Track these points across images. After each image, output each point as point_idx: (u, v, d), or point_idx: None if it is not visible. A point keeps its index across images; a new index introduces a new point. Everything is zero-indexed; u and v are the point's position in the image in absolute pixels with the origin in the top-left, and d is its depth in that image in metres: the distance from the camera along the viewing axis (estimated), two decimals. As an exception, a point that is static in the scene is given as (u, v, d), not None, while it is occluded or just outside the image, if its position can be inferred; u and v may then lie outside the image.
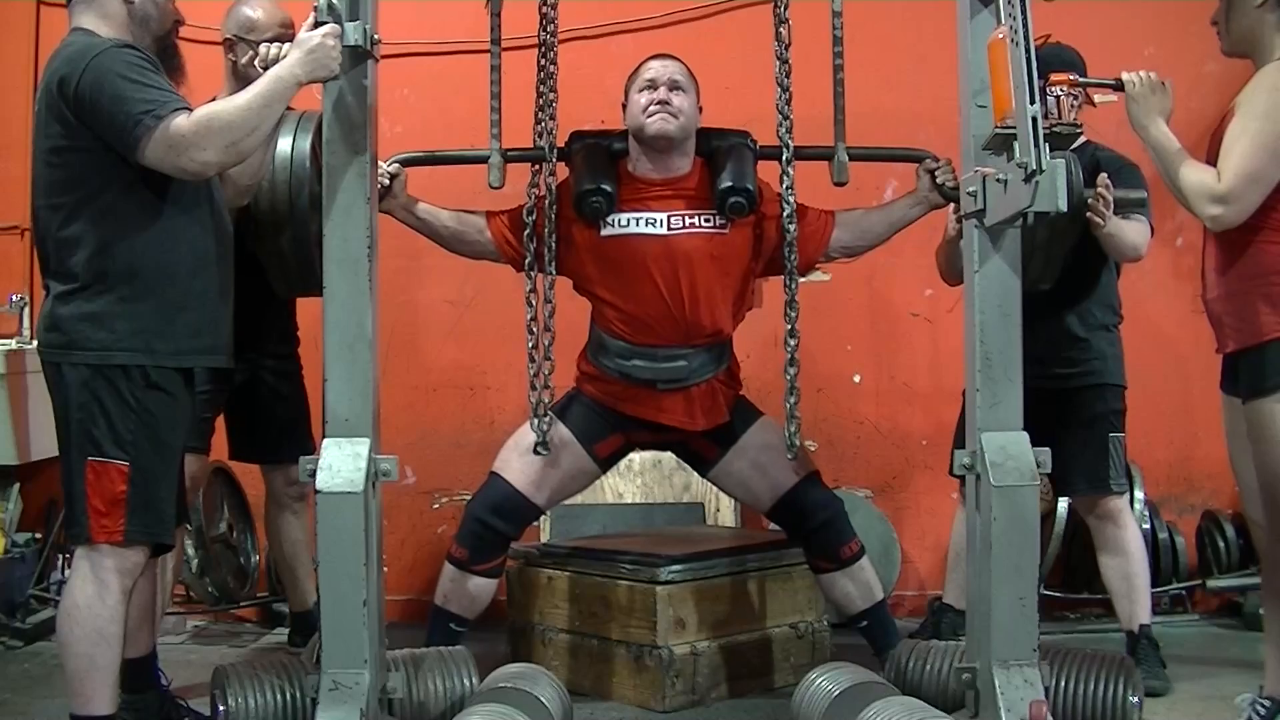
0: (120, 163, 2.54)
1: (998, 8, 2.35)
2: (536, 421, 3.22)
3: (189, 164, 2.47)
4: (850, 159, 3.30)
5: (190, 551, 3.97)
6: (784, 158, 3.24)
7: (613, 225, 3.25)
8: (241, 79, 3.40)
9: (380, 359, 2.70)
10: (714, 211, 3.25)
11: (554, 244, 3.23)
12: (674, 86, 3.25)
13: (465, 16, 4.03)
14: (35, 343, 2.67)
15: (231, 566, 4.23)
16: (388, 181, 3.19)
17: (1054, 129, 2.49)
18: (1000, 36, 2.27)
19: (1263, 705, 2.87)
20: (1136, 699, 2.73)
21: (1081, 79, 2.97)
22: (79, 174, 2.56)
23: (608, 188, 3.21)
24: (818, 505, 3.29)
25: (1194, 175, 2.76)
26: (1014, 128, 2.22)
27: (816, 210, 3.32)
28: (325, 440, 2.57)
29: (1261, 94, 2.73)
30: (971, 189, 2.52)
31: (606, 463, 3.42)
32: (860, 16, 3.23)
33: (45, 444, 3.93)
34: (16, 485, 4.15)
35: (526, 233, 3.24)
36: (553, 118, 3.31)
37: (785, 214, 3.22)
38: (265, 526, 3.85)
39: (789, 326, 3.22)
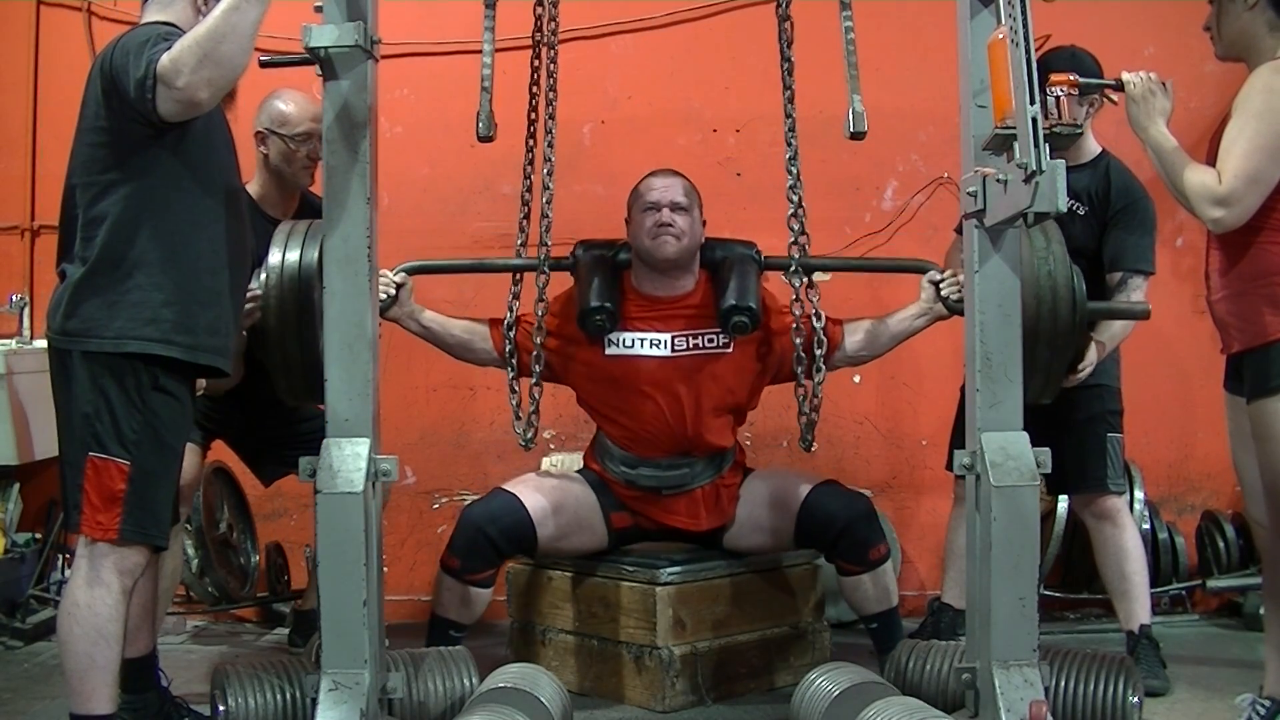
0: (154, 147, 2.55)
1: (998, 8, 2.35)
2: (521, 428, 3.28)
3: (178, 93, 2.43)
4: (853, 270, 3.32)
5: (190, 551, 3.97)
6: (789, 159, 3.24)
7: (616, 345, 3.31)
8: (273, 173, 3.40)
9: (380, 359, 2.70)
10: (718, 330, 3.29)
11: (544, 351, 3.28)
12: (676, 207, 3.29)
13: (465, 16, 4.03)
14: (45, 333, 2.65)
15: (231, 566, 4.23)
16: (394, 291, 3.24)
17: (1054, 129, 2.48)
18: (1000, 36, 2.27)
19: (1263, 705, 2.87)
20: (1136, 699, 2.73)
21: (1081, 79, 2.97)
22: (114, 155, 2.57)
23: (611, 306, 3.26)
24: (833, 514, 3.29)
25: (1195, 177, 2.76)
26: (1014, 128, 2.22)
27: (826, 320, 3.32)
28: (325, 440, 2.57)
29: (1257, 95, 2.73)
30: (971, 189, 2.52)
31: (617, 537, 3.44)
32: (860, 16, 3.23)
33: (45, 444, 3.94)
34: (16, 485, 4.15)
35: (508, 344, 3.31)
36: (552, 117, 3.31)
37: (794, 326, 3.25)
38: None
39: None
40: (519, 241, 3.39)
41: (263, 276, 2.83)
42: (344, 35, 2.51)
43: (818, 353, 3.25)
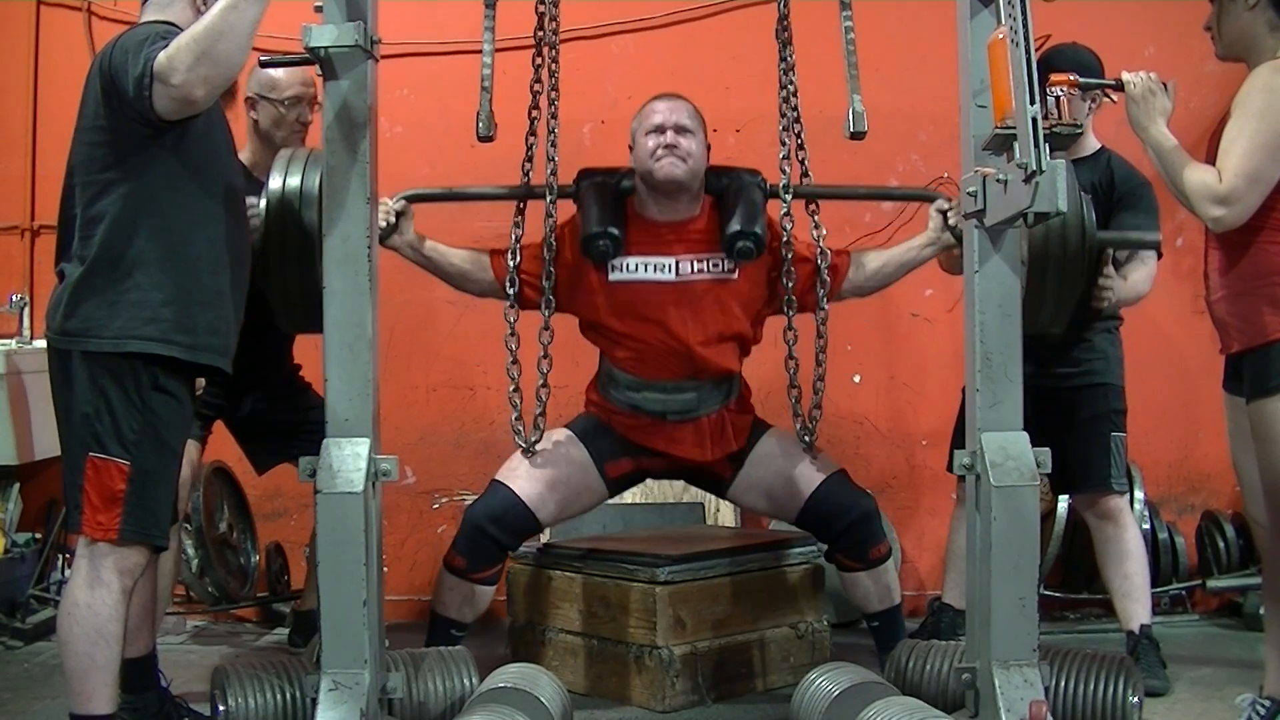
0: (153, 146, 2.55)
1: (998, 8, 2.35)
2: (522, 428, 3.24)
3: (174, 91, 2.43)
4: (859, 198, 3.30)
5: (190, 551, 3.97)
6: (783, 156, 3.24)
7: (621, 270, 3.27)
8: (264, 138, 3.40)
9: (380, 359, 2.70)
10: (723, 255, 3.26)
11: (554, 279, 3.25)
12: (681, 130, 3.25)
13: (465, 16, 4.03)
14: (44, 333, 2.65)
15: (231, 566, 4.23)
16: (394, 219, 3.21)
17: (1054, 129, 2.48)
18: (1000, 36, 2.27)
19: (1263, 705, 2.87)
20: (1136, 699, 2.73)
21: (1081, 79, 2.97)
22: (113, 154, 2.57)
23: (615, 231, 3.22)
24: (843, 508, 3.28)
25: (1195, 176, 2.76)
26: (1014, 128, 2.22)
27: (834, 249, 3.32)
28: (325, 440, 2.57)
29: (1257, 94, 2.73)
30: (971, 189, 2.52)
31: (616, 485, 3.41)
32: (860, 16, 3.23)
33: (45, 444, 3.94)
34: (16, 485, 4.15)
35: (514, 265, 3.26)
36: (554, 116, 3.31)
37: (784, 231, 3.23)
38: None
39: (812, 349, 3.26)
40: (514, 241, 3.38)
41: (261, 204, 2.84)
42: (344, 35, 2.50)
43: (821, 293, 3.24)
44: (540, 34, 3.34)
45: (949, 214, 3.24)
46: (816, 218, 3.32)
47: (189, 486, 3.48)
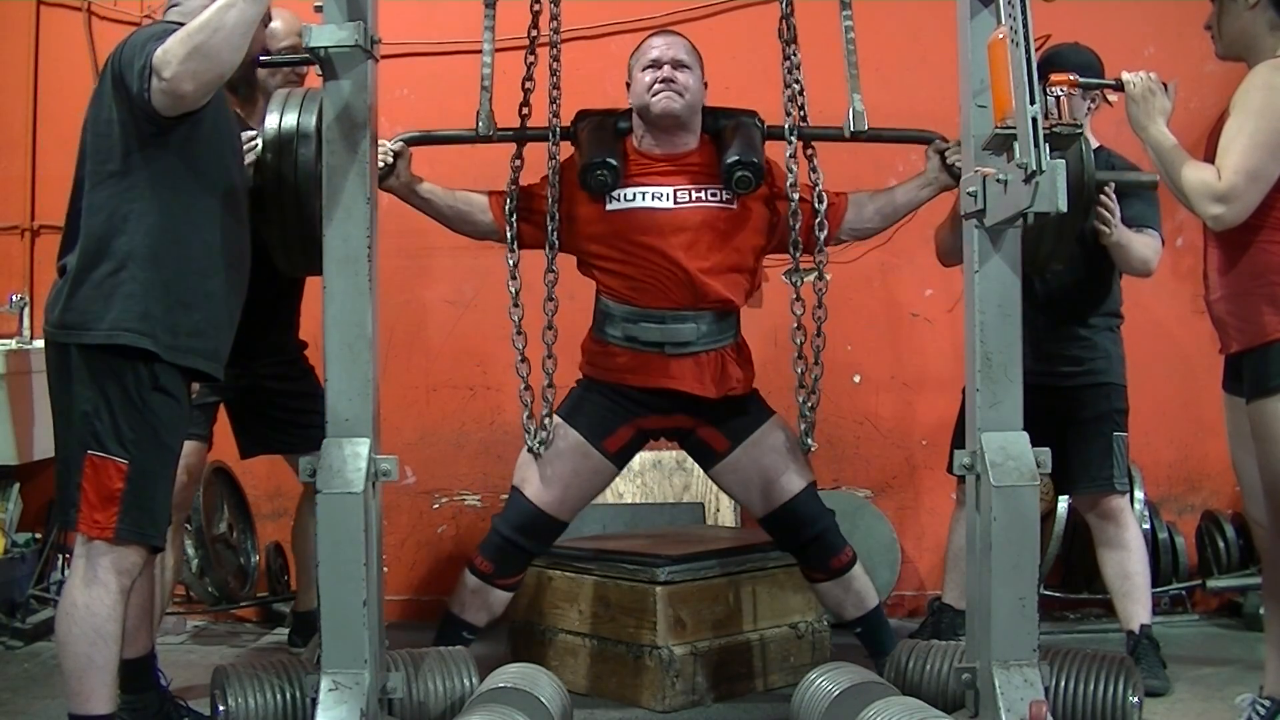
0: (157, 144, 2.56)
1: (998, 8, 2.35)
2: (533, 429, 3.21)
3: (165, 84, 2.45)
4: (860, 139, 3.26)
5: (190, 551, 3.97)
6: (788, 126, 3.25)
7: (618, 200, 3.23)
8: (259, 88, 3.40)
9: (380, 359, 2.70)
10: (721, 186, 3.23)
11: (558, 217, 3.21)
12: (678, 65, 3.23)
13: (465, 16, 4.03)
14: (42, 332, 2.66)
15: (231, 566, 4.23)
16: (391, 160, 3.18)
17: (1054, 129, 2.48)
18: (1000, 36, 2.27)
19: (1263, 705, 2.87)
20: (1136, 699, 2.73)
21: (1081, 79, 2.97)
22: (119, 148, 2.58)
23: (613, 162, 3.20)
24: (812, 518, 3.25)
25: (1195, 175, 2.76)
26: (1014, 128, 2.22)
27: (830, 191, 3.30)
28: (325, 440, 2.57)
29: (1256, 92, 2.73)
30: (971, 189, 2.52)
31: (619, 458, 3.33)
32: (860, 16, 3.23)
33: (45, 444, 3.94)
34: (16, 485, 4.16)
35: (508, 207, 3.23)
36: (556, 115, 3.30)
37: (789, 184, 3.22)
38: (295, 519, 3.79)
39: (812, 323, 3.22)
40: (523, 113, 3.33)
41: (257, 142, 2.84)
42: (344, 35, 2.51)
43: (819, 235, 3.21)
44: (534, 33, 3.33)
45: (946, 154, 3.23)
46: (815, 161, 3.29)
47: (193, 486, 3.48)
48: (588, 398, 3.30)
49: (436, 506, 4.48)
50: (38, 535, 4.20)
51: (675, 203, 3.22)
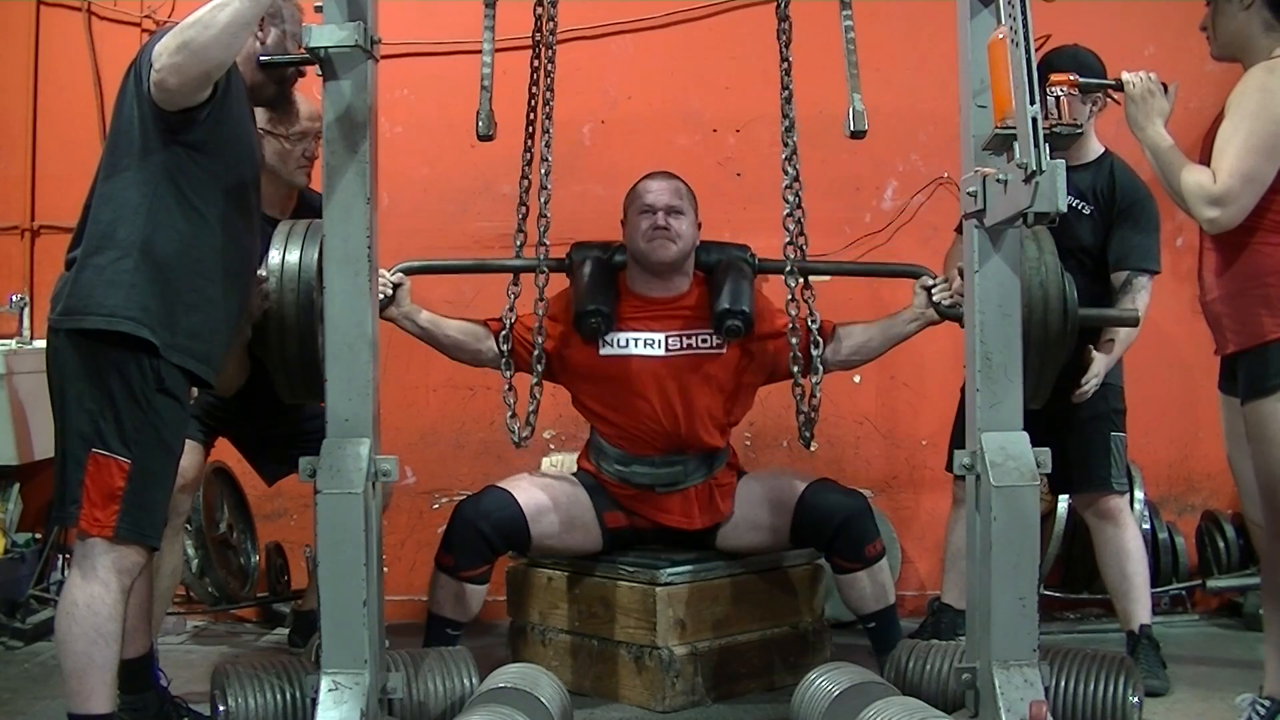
0: (173, 144, 2.57)
1: (998, 8, 2.35)
2: (515, 427, 3.26)
3: (155, 75, 2.48)
4: (847, 274, 3.33)
5: (190, 551, 3.97)
6: (785, 158, 3.24)
7: (611, 345, 3.33)
8: (269, 172, 3.38)
9: (380, 359, 2.70)
10: (711, 331, 3.31)
11: (543, 350, 3.27)
12: (671, 210, 3.31)
13: (465, 16, 4.03)
14: (47, 318, 2.65)
15: (231, 566, 4.23)
16: (390, 291, 3.23)
17: (1054, 129, 2.48)
18: (1000, 36, 2.27)
19: (1263, 705, 2.87)
20: (1136, 699, 2.74)
21: (1081, 79, 2.97)
22: (136, 143, 2.59)
23: (606, 309, 3.28)
24: (831, 508, 3.30)
25: (1190, 177, 2.76)
26: (1014, 128, 2.22)
27: (821, 322, 3.32)
28: (325, 440, 2.57)
29: (1251, 94, 2.73)
30: (971, 189, 2.52)
31: (610, 537, 3.43)
32: (860, 16, 3.23)
33: (45, 444, 3.93)
34: (16, 485, 4.15)
35: (503, 334, 3.28)
36: (549, 117, 3.31)
37: (789, 327, 3.25)
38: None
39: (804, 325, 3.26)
40: (517, 243, 3.39)
41: (272, 280, 2.83)
42: (344, 35, 2.51)
43: (815, 353, 3.26)
44: (538, 35, 3.34)
45: (933, 290, 3.26)
46: (809, 295, 3.30)
47: (193, 488, 3.47)
48: (595, 483, 3.42)
49: (436, 506, 4.48)
50: (38, 535, 4.19)
51: (667, 350, 3.32)
